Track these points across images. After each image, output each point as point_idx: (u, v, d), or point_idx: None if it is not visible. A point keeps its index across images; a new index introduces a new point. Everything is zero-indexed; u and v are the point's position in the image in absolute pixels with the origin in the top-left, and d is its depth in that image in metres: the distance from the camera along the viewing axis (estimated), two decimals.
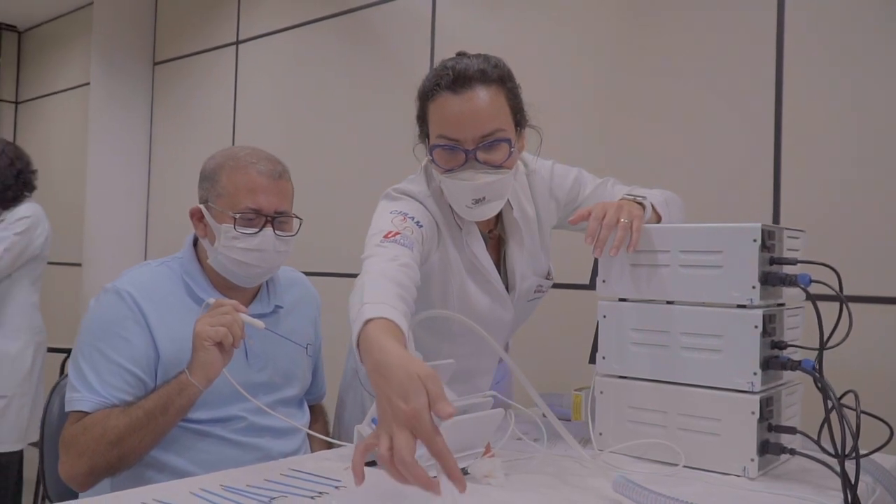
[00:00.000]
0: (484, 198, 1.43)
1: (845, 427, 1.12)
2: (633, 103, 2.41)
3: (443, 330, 1.57)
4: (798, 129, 2.09)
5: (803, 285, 1.24)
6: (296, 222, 1.60)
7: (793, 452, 1.27)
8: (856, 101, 2.00)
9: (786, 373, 1.35)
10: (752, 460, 1.24)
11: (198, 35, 4.19)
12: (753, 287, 1.25)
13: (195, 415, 1.45)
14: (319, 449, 1.61)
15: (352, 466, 0.97)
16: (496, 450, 1.29)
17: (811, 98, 2.07)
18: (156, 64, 4.48)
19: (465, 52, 1.47)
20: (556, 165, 1.65)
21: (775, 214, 2.11)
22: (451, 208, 1.52)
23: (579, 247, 1.43)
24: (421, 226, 1.42)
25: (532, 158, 1.62)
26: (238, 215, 1.50)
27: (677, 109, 2.32)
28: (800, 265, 1.32)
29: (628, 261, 1.39)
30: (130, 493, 1.11)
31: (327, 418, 1.84)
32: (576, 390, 1.71)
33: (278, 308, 1.65)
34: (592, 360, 1.44)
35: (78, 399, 1.42)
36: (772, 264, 1.28)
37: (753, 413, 1.24)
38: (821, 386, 1.18)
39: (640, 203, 1.42)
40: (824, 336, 1.21)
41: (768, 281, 1.26)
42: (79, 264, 4.53)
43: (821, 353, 1.22)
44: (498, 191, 1.44)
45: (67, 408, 1.43)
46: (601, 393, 1.42)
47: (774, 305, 1.32)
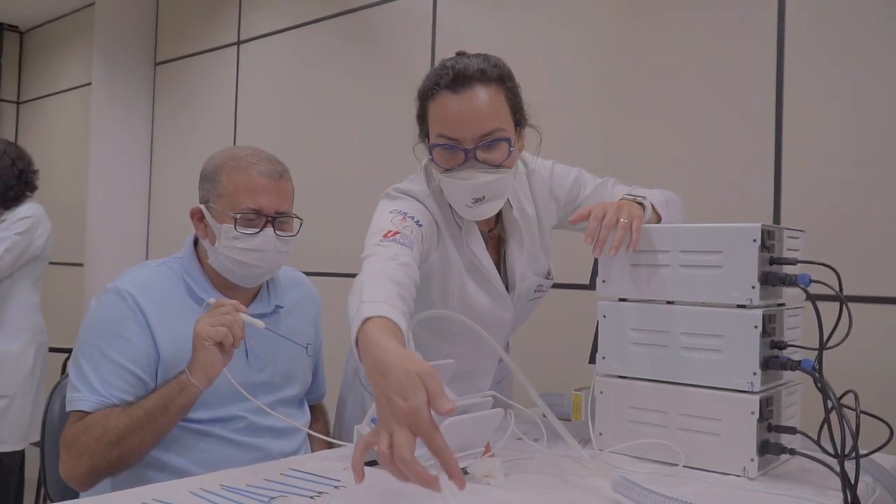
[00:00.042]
0: (483, 197, 1.43)
1: (845, 427, 1.12)
2: (634, 103, 2.41)
3: (443, 330, 1.57)
4: (799, 128, 2.09)
5: (803, 285, 1.24)
6: (296, 222, 1.61)
7: (793, 452, 1.27)
8: (857, 100, 2.00)
9: (786, 373, 1.35)
10: (751, 460, 1.24)
11: (199, 35, 4.19)
12: (753, 287, 1.25)
13: (195, 414, 1.45)
14: (320, 449, 1.61)
15: (352, 465, 0.97)
16: (496, 450, 1.29)
17: (812, 98, 2.07)
18: (157, 64, 4.48)
19: (464, 51, 1.47)
20: (556, 165, 1.65)
21: (776, 214, 2.10)
22: (450, 208, 1.52)
23: (579, 247, 1.43)
24: (420, 225, 1.42)
25: (532, 158, 1.62)
26: (239, 215, 1.51)
27: (678, 109, 2.32)
28: (800, 265, 1.31)
29: (628, 261, 1.39)
30: (130, 493, 1.12)
31: (328, 418, 1.84)
32: (576, 390, 1.71)
33: (279, 308, 1.65)
34: (592, 360, 1.44)
35: (79, 399, 1.42)
36: (772, 264, 1.28)
37: (753, 413, 1.24)
38: (820, 386, 1.18)
39: (639, 203, 1.42)
40: (824, 336, 1.21)
41: (768, 281, 1.26)
42: (80, 264, 4.54)
43: (821, 353, 1.22)
44: (497, 190, 1.44)
45: (68, 407, 1.44)
46: (601, 393, 1.42)
47: (774, 305, 1.32)
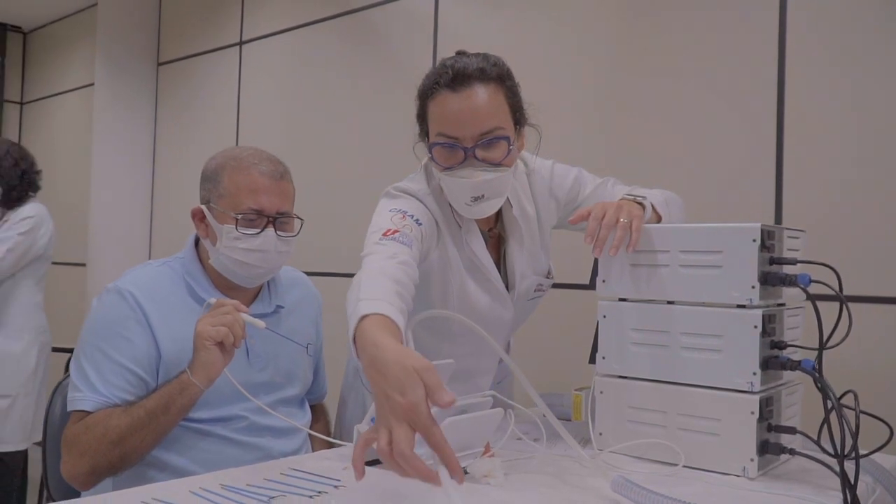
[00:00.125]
0: (483, 195, 1.43)
1: (845, 427, 1.12)
2: (635, 103, 2.41)
3: (443, 330, 1.57)
4: (800, 128, 2.09)
5: (803, 285, 1.24)
6: (297, 223, 1.61)
7: (792, 452, 1.27)
8: (858, 100, 2.00)
9: (786, 373, 1.34)
10: (751, 460, 1.24)
11: (201, 36, 4.19)
12: (753, 287, 1.25)
13: (196, 414, 1.46)
14: (321, 449, 1.61)
15: (352, 462, 0.98)
16: (496, 449, 1.29)
17: (813, 98, 2.07)
18: (160, 64, 4.48)
19: (464, 51, 1.47)
20: (557, 165, 1.65)
21: (777, 214, 2.10)
22: (450, 206, 1.52)
23: (579, 247, 1.43)
24: (420, 224, 1.43)
25: (532, 158, 1.62)
26: (240, 216, 1.51)
27: (678, 109, 2.31)
28: (800, 265, 1.31)
29: (628, 261, 1.39)
30: (131, 493, 1.12)
31: (328, 418, 1.84)
32: (576, 390, 1.71)
33: (279, 308, 1.65)
34: (592, 360, 1.44)
35: (80, 398, 1.43)
36: (771, 264, 1.28)
37: (753, 413, 1.24)
38: (820, 386, 1.18)
39: (639, 203, 1.42)
40: (824, 336, 1.21)
41: (768, 281, 1.26)
42: (83, 264, 4.54)
43: (820, 353, 1.22)
44: (497, 188, 1.44)
45: (69, 407, 1.44)
46: (601, 393, 1.42)
47: (774, 305, 1.32)
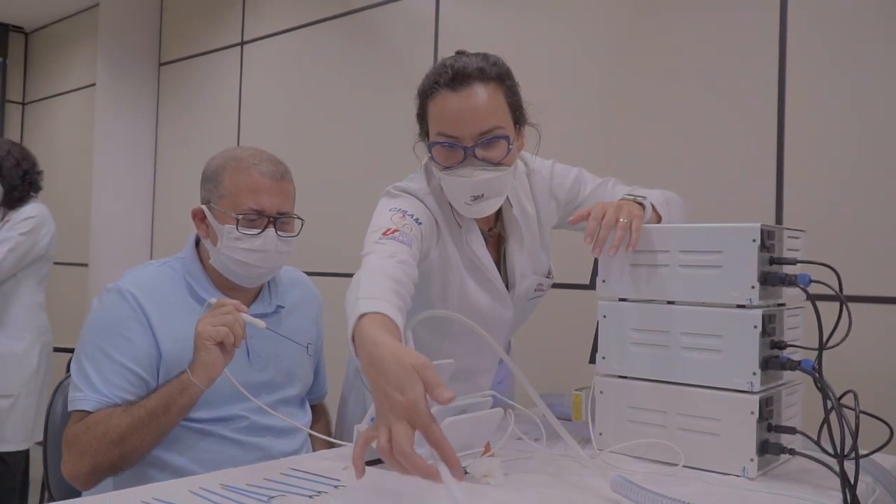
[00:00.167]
0: (482, 194, 1.43)
1: (845, 427, 1.12)
2: (635, 103, 2.41)
3: (443, 329, 1.57)
4: (800, 128, 2.08)
5: (803, 285, 1.24)
6: (297, 223, 1.61)
7: (792, 452, 1.27)
8: (859, 100, 1.99)
9: (786, 373, 1.34)
10: (751, 460, 1.24)
11: (203, 36, 4.20)
12: (753, 287, 1.25)
13: (197, 414, 1.46)
14: (321, 449, 1.61)
15: (352, 461, 0.98)
16: (496, 449, 1.29)
17: (813, 98, 2.07)
18: (161, 65, 4.49)
19: (464, 50, 1.47)
20: (557, 165, 1.65)
21: (778, 214, 2.10)
22: (450, 206, 1.52)
23: (579, 247, 1.43)
24: (420, 223, 1.43)
25: (532, 158, 1.62)
26: (240, 216, 1.51)
27: (679, 109, 2.31)
28: (800, 265, 1.31)
29: (628, 261, 1.39)
30: (131, 492, 1.12)
31: (329, 418, 1.85)
32: (576, 390, 1.71)
33: (280, 308, 1.65)
34: (592, 360, 1.44)
35: (80, 398, 1.43)
36: (771, 264, 1.28)
37: (753, 413, 1.24)
38: (820, 386, 1.18)
39: (639, 203, 1.42)
40: (824, 336, 1.21)
41: (768, 281, 1.26)
42: (85, 264, 4.55)
43: (820, 353, 1.22)
44: (496, 188, 1.44)
45: (70, 407, 1.44)
46: (601, 393, 1.42)
47: (774, 305, 1.32)
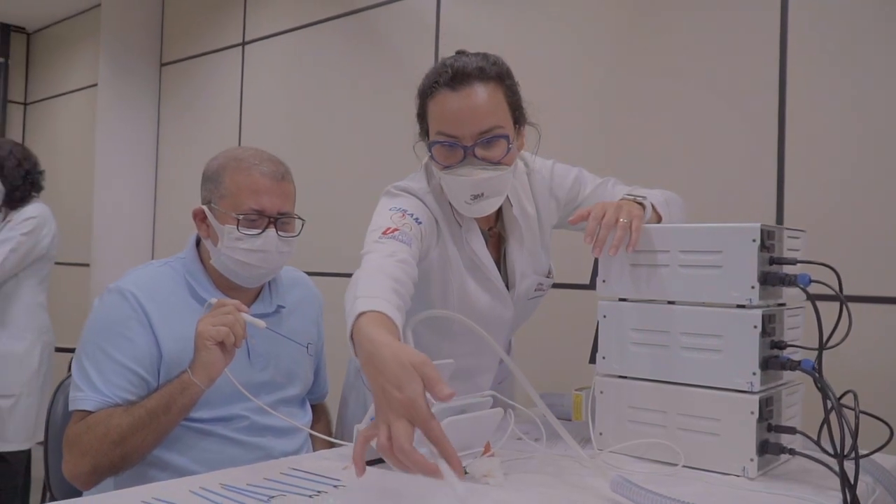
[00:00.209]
0: (482, 193, 1.44)
1: (845, 427, 1.12)
2: (636, 103, 2.41)
3: (443, 328, 1.57)
4: (802, 128, 2.08)
5: (803, 285, 1.24)
6: (298, 223, 1.61)
7: (792, 452, 1.27)
8: (859, 100, 1.99)
9: (786, 373, 1.34)
10: (751, 460, 1.24)
11: (204, 36, 4.20)
12: (752, 287, 1.25)
13: (197, 414, 1.46)
14: (321, 448, 1.61)
15: (353, 459, 0.99)
16: (495, 449, 1.29)
17: (814, 98, 2.07)
18: (163, 65, 4.50)
19: (464, 50, 1.48)
20: (557, 165, 1.66)
21: (779, 214, 2.10)
22: (450, 205, 1.52)
23: (579, 247, 1.43)
24: (420, 222, 1.43)
25: (532, 158, 1.62)
26: (241, 216, 1.51)
27: (679, 109, 2.31)
28: (800, 265, 1.31)
29: (628, 261, 1.38)
30: (131, 492, 1.12)
31: (330, 418, 1.85)
32: (576, 390, 1.71)
33: (280, 308, 1.65)
34: (593, 359, 1.44)
35: (81, 398, 1.43)
36: (771, 264, 1.28)
37: (753, 413, 1.24)
38: (820, 386, 1.18)
39: (639, 203, 1.42)
40: (824, 336, 1.21)
41: (767, 281, 1.26)
42: (87, 264, 4.56)
43: (820, 353, 1.22)
44: (496, 187, 1.45)
45: (71, 407, 1.44)
46: (601, 393, 1.42)
47: (774, 305, 1.32)
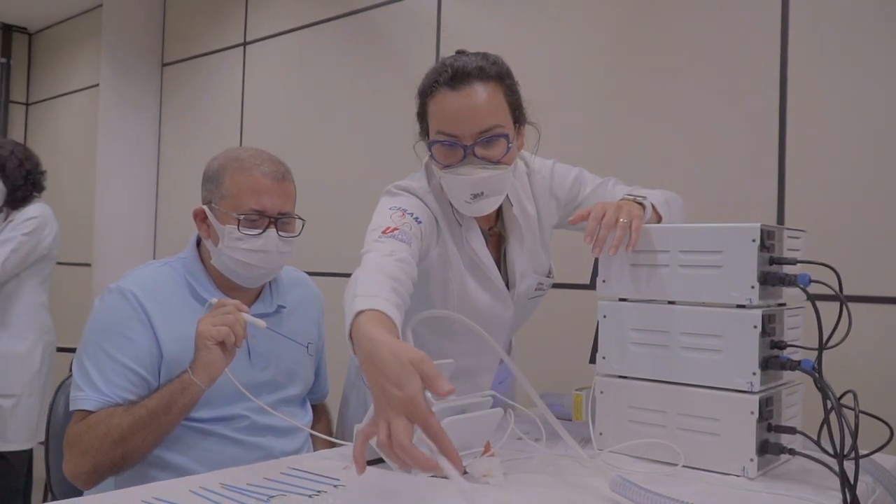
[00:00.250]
0: (482, 192, 1.44)
1: (844, 427, 1.12)
2: (636, 103, 2.41)
3: (443, 328, 1.57)
4: (802, 128, 2.08)
5: (802, 285, 1.24)
6: (298, 223, 1.61)
7: (792, 452, 1.27)
8: (860, 100, 1.99)
9: (786, 373, 1.34)
10: (751, 460, 1.24)
11: (206, 36, 4.21)
12: (752, 287, 1.25)
13: (198, 413, 1.46)
14: (322, 448, 1.61)
15: (353, 457, 1.00)
16: (496, 449, 1.29)
17: (815, 98, 2.06)
18: (164, 65, 4.50)
19: (464, 50, 1.48)
20: (557, 165, 1.66)
21: (780, 214, 2.10)
22: (451, 205, 1.52)
23: (579, 247, 1.43)
24: (420, 222, 1.43)
25: (532, 158, 1.63)
26: (242, 216, 1.51)
27: (680, 109, 2.31)
28: (800, 265, 1.31)
29: (628, 261, 1.39)
30: (131, 492, 1.12)
31: (330, 417, 1.85)
32: (577, 390, 1.71)
33: (281, 308, 1.65)
34: (593, 359, 1.44)
35: (82, 398, 1.43)
36: (771, 264, 1.28)
37: (752, 413, 1.24)
38: (820, 386, 1.18)
39: (639, 203, 1.42)
40: (824, 336, 1.21)
41: (767, 281, 1.26)
42: (88, 264, 4.56)
43: (820, 353, 1.22)
44: (496, 186, 1.45)
45: (72, 407, 1.45)
46: (601, 393, 1.42)
47: (774, 305, 1.32)
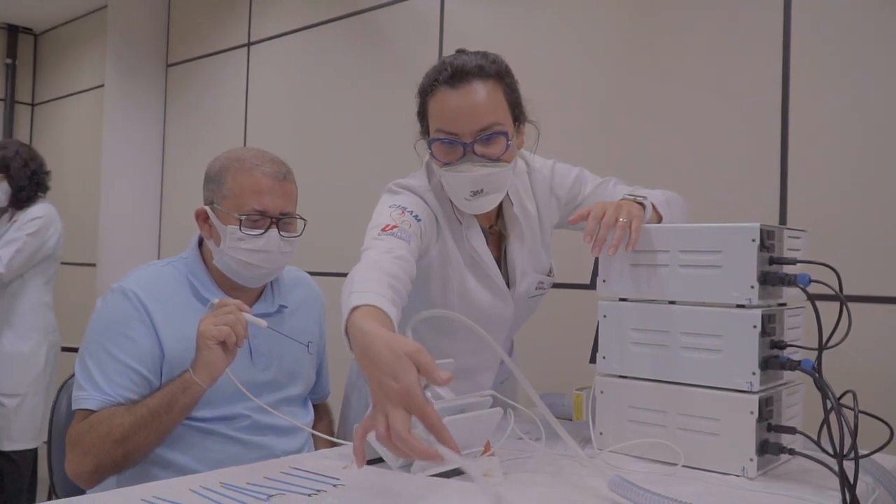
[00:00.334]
0: (482, 190, 1.44)
1: (844, 427, 1.12)
2: (638, 103, 2.41)
3: (443, 326, 1.57)
4: (804, 129, 2.08)
5: (802, 285, 1.24)
6: (300, 223, 1.61)
7: (791, 452, 1.26)
8: (862, 101, 1.99)
9: (786, 373, 1.34)
10: (751, 460, 1.24)
11: (210, 37, 4.21)
12: (752, 287, 1.25)
13: (200, 413, 1.47)
14: (323, 448, 1.62)
15: (353, 451, 1.01)
16: (495, 449, 1.29)
17: (817, 98, 2.06)
18: (169, 66, 4.51)
19: (464, 49, 1.49)
20: (558, 164, 1.66)
21: (782, 214, 2.10)
22: (451, 203, 1.53)
23: (579, 247, 1.43)
24: (419, 219, 1.44)
25: (533, 157, 1.63)
26: (243, 217, 1.52)
27: (682, 109, 2.31)
28: (800, 265, 1.31)
29: (628, 260, 1.39)
30: (131, 490, 1.12)
31: (332, 417, 1.85)
32: (577, 390, 1.71)
33: (282, 308, 1.66)
34: (593, 359, 1.44)
35: (84, 397, 1.44)
36: (771, 264, 1.28)
37: (752, 413, 1.24)
38: (820, 386, 1.18)
39: (640, 203, 1.42)
40: (824, 336, 1.20)
41: (767, 281, 1.26)
42: (93, 264, 4.58)
43: (820, 353, 1.22)
44: (495, 183, 1.45)
45: (74, 406, 1.45)
46: (601, 392, 1.42)
47: (774, 305, 1.32)
